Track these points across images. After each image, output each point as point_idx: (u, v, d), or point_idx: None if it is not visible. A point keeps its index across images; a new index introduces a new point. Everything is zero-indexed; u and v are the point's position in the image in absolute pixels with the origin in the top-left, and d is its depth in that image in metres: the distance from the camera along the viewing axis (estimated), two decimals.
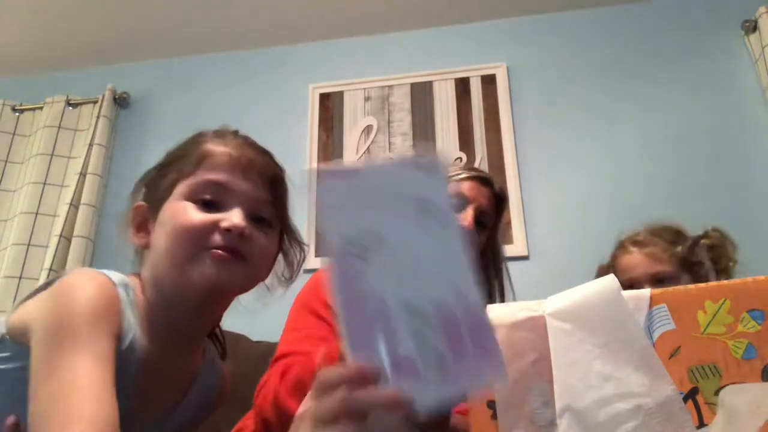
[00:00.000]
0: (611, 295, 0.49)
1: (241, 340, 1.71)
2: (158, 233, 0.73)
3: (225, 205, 0.72)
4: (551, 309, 0.51)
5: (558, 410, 0.47)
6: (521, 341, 0.51)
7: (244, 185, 0.74)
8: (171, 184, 0.74)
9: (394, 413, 0.41)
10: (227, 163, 0.75)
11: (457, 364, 0.42)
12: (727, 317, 0.47)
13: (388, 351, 0.42)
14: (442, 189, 0.48)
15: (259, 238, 0.74)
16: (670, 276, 1.15)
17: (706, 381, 0.47)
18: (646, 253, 1.18)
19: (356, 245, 0.45)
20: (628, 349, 0.47)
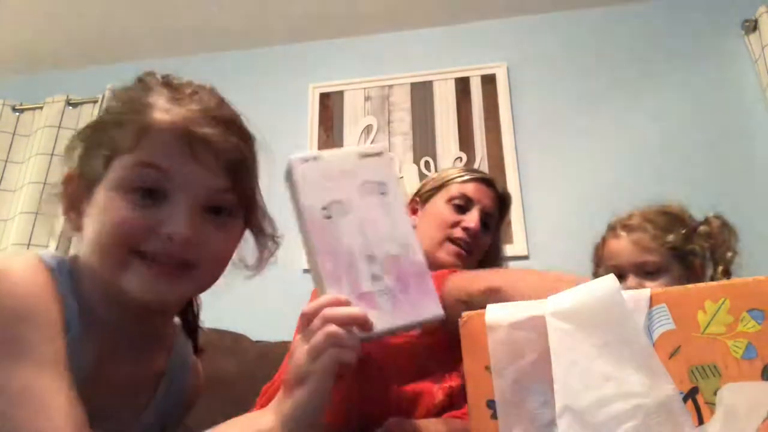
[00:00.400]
0: (611, 295, 0.49)
1: (240, 340, 1.71)
2: (88, 222, 0.60)
3: (169, 196, 0.58)
4: (551, 309, 0.51)
5: (558, 410, 0.47)
6: (521, 341, 0.51)
7: (195, 171, 0.59)
8: (105, 161, 0.59)
9: (359, 331, 0.53)
10: (174, 141, 0.58)
11: (404, 299, 0.57)
12: (727, 317, 0.47)
13: (352, 288, 0.56)
14: (391, 172, 0.63)
15: (211, 240, 0.61)
16: (657, 267, 1.06)
17: (706, 381, 0.47)
18: (633, 240, 1.09)
19: (328, 210, 0.60)
20: (628, 349, 0.47)
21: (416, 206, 1.18)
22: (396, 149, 2.14)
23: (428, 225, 1.10)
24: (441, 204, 1.11)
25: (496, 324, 0.52)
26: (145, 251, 0.58)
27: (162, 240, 0.58)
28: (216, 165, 0.60)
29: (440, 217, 1.09)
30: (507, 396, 0.50)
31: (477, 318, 0.53)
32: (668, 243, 1.07)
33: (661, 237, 1.08)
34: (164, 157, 0.58)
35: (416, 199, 1.19)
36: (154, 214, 0.58)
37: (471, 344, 0.53)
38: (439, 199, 1.13)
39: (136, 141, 0.58)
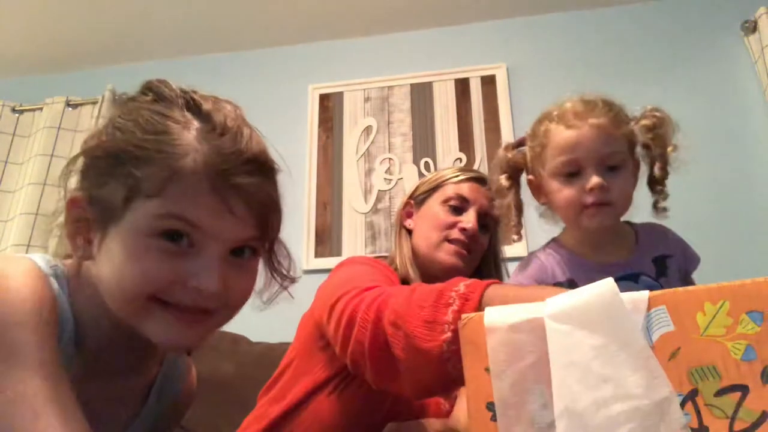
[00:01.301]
0: (609, 297, 0.49)
1: (240, 341, 1.71)
2: (105, 260, 0.56)
3: (197, 246, 0.56)
4: (550, 311, 0.51)
5: (556, 412, 0.47)
6: (520, 343, 0.51)
7: (227, 223, 0.56)
8: (125, 200, 0.55)
9: None
10: (206, 192, 0.54)
11: None
12: (726, 319, 0.47)
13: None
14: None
15: (236, 284, 0.60)
16: (622, 160, 0.90)
17: (705, 382, 0.47)
18: (596, 127, 0.90)
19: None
20: (626, 351, 0.47)
21: (411, 209, 1.16)
22: (396, 150, 2.14)
23: (425, 227, 1.09)
24: (436, 206, 1.10)
25: (495, 326, 0.52)
26: (170, 301, 0.55)
27: (190, 292, 0.55)
28: (248, 215, 0.57)
29: (436, 219, 1.07)
30: (506, 398, 0.50)
31: (476, 320, 0.53)
32: (626, 131, 0.91)
33: (623, 125, 0.91)
34: (195, 209, 0.54)
35: (411, 201, 1.17)
36: (182, 265, 0.55)
37: (470, 346, 0.53)
38: (435, 201, 1.11)
39: (163, 187, 0.54)
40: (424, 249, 1.08)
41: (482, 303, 0.62)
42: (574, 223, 0.95)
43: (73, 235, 0.61)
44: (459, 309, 0.62)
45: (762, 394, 0.45)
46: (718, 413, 0.46)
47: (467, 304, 0.62)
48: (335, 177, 2.14)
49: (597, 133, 0.90)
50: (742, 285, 0.48)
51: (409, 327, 0.65)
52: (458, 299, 0.63)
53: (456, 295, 0.64)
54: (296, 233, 2.06)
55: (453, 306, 0.63)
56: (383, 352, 0.69)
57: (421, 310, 0.65)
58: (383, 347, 0.69)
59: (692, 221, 1.43)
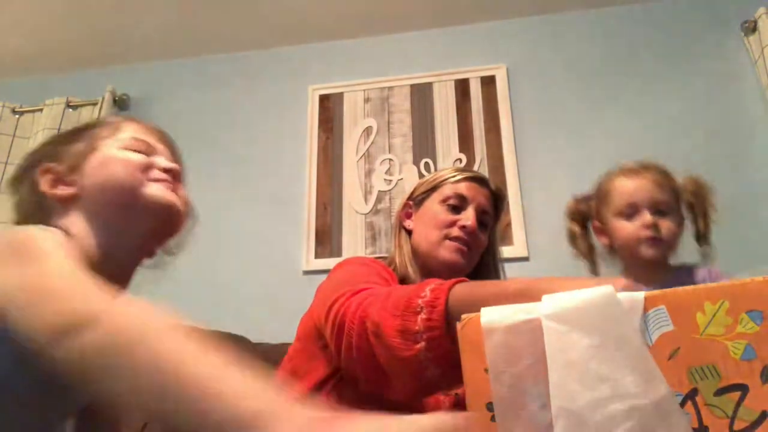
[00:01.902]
0: (606, 297, 0.49)
1: (240, 340, 1.71)
2: (91, 179, 0.76)
3: (153, 154, 0.82)
4: (546, 311, 0.51)
5: (554, 412, 0.47)
6: (518, 344, 0.51)
7: (163, 150, 0.86)
8: (91, 144, 0.79)
9: None
10: (147, 129, 0.87)
11: None
12: (725, 318, 0.47)
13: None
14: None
15: (183, 188, 0.86)
16: (670, 208, 1.15)
17: (705, 382, 0.47)
18: (650, 179, 1.17)
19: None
20: (623, 350, 0.47)
21: (410, 210, 1.17)
22: (396, 151, 2.14)
23: (425, 227, 1.10)
24: (436, 205, 1.11)
25: (492, 328, 0.52)
26: (150, 178, 0.79)
27: (159, 171, 0.81)
28: (173, 150, 0.92)
29: (436, 219, 1.09)
30: (505, 399, 0.50)
31: (475, 320, 0.53)
32: (676, 188, 1.18)
33: (673, 181, 1.18)
34: (147, 136, 0.85)
35: (409, 203, 1.18)
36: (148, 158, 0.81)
37: (469, 347, 0.53)
38: (434, 201, 1.12)
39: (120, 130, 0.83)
40: (424, 248, 1.08)
41: (449, 305, 0.63)
42: (634, 254, 1.15)
43: (52, 186, 0.77)
44: (427, 317, 0.63)
45: (762, 394, 0.45)
46: (717, 413, 0.46)
47: (435, 310, 0.63)
48: (335, 178, 2.14)
49: (651, 183, 1.16)
50: (742, 284, 0.48)
51: (387, 338, 0.66)
52: (425, 307, 0.64)
53: (423, 302, 0.64)
54: (296, 234, 2.06)
55: (421, 314, 0.64)
56: (370, 360, 0.71)
57: (395, 318, 0.66)
58: (370, 355, 0.70)
59: None
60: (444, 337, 0.62)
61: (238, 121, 2.31)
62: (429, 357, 0.62)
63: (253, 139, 2.26)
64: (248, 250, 2.08)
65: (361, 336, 0.72)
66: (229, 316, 1.90)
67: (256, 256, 2.06)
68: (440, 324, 0.63)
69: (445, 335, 0.62)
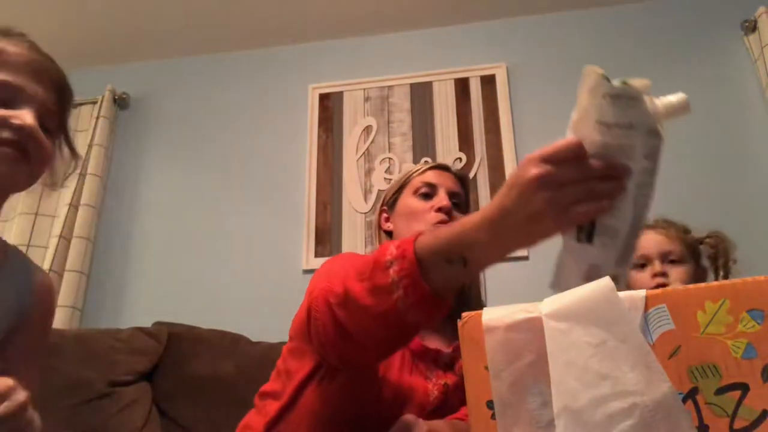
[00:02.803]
0: (607, 294, 0.49)
1: (240, 340, 1.71)
2: None
3: (14, 106, 0.73)
4: (547, 310, 0.51)
5: (555, 410, 0.47)
6: (518, 342, 0.51)
7: (36, 88, 0.76)
8: None
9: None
10: (21, 64, 0.75)
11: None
12: (726, 317, 0.47)
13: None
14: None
15: (45, 142, 0.76)
16: (680, 256, 1.24)
17: (705, 381, 0.47)
18: (659, 232, 1.27)
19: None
20: (624, 348, 0.47)
21: (386, 214, 1.21)
22: (395, 150, 2.14)
23: (404, 222, 1.13)
24: (409, 199, 1.15)
25: (493, 326, 0.52)
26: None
27: (12, 129, 0.71)
28: (50, 87, 0.78)
29: (412, 210, 1.12)
30: (505, 398, 0.50)
31: (476, 318, 0.53)
32: (687, 239, 1.27)
33: (681, 233, 1.28)
34: (13, 75, 0.74)
35: (384, 208, 1.22)
36: (5, 111, 0.72)
37: (470, 345, 0.53)
38: (406, 196, 1.16)
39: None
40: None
41: (417, 252, 0.65)
42: None
43: None
44: (399, 267, 0.65)
45: (762, 393, 0.45)
46: (718, 412, 0.46)
47: (405, 259, 0.65)
48: (335, 177, 2.14)
49: (661, 236, 1.26)
50: (743, 283, 0.48)
51: (358, 301, 0.68)
52: (395, 260, 0.66)
53: (391, 257, 0.66)
54: (296, 233, 2.06)
55: (393, 267, 0.65)
56: (340, 335, 0.73)
57: (362, 282, 0.69)
58: (337, 328, 0.73)
59: (692, 220, 1.42)
60: (420, 281, 0.64)
61: (237, 119, 2.31)
62: (408, 302, 0.64)
63: (253, 138, 2.26)
64: (248, 249, 2.08)
65: (325, 313, 0.74)
66: (229, 316, 1.90)
67: (256, 255, 2.06)
68: (414, 269, 0.64)
69: (420, 279, 0.64)
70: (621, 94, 0.52)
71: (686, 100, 0.55)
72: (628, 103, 0.53)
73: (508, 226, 0.58)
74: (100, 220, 2.19)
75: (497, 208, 0.59)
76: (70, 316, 1.96)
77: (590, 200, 0.54)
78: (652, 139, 0.57)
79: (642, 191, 0.56)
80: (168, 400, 1.59)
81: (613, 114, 0.53)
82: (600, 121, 0.54)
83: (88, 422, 1.43)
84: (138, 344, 1.63)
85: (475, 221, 0.61)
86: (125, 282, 2.11)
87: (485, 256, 0.63)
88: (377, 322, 0.68)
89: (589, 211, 0.55)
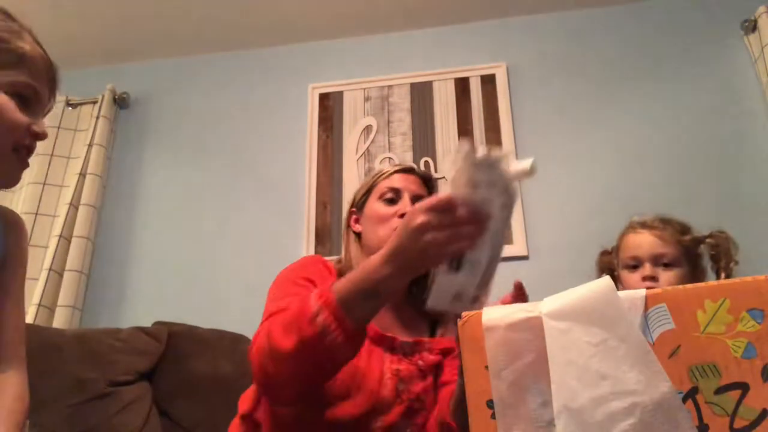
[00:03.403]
0: (606, 294, 0.50)
1: (240, 340, 1.71)
2: None
3: (30, 106, 0.77)
4: (548, 309, 0.51)
5: (555, 410, 0.47)
6: (519, 342, 0.51)
7: (46, 91, 0.80)
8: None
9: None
10: (43, 72, 0.79)
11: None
12: (726, 316, 0.47)
13: None
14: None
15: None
16: (673, 260, 1.22)
17: (705, 380, 0.47)
18: (654, 234, 1.25)
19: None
20: (624, 347, 0.47)
21: (356, 216, 1.26)
22: (395, 149, 2.14)
23: (371, 227, 1.19)
24: (375, 204, 1.20)
25: (493, 325, 0.52)
26: (21, 145, 0.75)
27: (31, 137, 0.76)
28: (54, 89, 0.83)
29: (378, 216, 1.18)
30: (505, 397, 0.50)
31: (476, 318, 0.53)
32: (683, 242, 1.24)
33: (677, 235, 1.25)
34: (38, 81, 0.78)
35: (353, 209, 1.27)
36: (30, 119, 0.76)
37: (470, 344, 0.53)
38: (372, 201, 1.22)
39: (19, 62, 0.76)
40: (376, 244, 1.15)
41: (337, 298, 0.78)
42: None
43: None
44: (325, 315, 0.77)
45: (762, 392, 0.45)
46: (718, 411, 0.46)
47: (329, 307, 0.77)
48: (335, 176, 2.14)
49: (654, 237, 1.24)
50: (743, 283, 0.48)
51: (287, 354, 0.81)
52: (320, 309, 0.78)
53: (317, 308, 0.78)
54: (296, 233, 2.06)
55: (319, 316, 0.78)
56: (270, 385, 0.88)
57: (290, 335, 0.81)
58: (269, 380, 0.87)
59: (693, 220, 1.42)
60: (347, 321, 0.77)
61: (237, 119, 2.31)
62: (339, 343, 0.77)
63: (253, 138, 2.26)
64: (248, 249, 2.08)
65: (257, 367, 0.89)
66: (229, 315, 1.90)
67: (256, 255, 2.06)
68: (340, 313, 0.77)
69: (347, 319, 0.77)
70: (484, 161, 0.69)
71: (533, 166, 0.71)
72: (489, 168, 0.69)
73: (405, 260, 0.75)
74: (100, 220, 2.19)
75: (396, 248, 0.75)
76: (70, 316, 1.96)
77: (459, 240, 0.71)
78: (507, 195, 0.72)
79: (498, 234, 0.73)
80: (168, 400, 1.59)
81: (479, 176, 0.70)
82: (470, 180, 0.70)
83: (88, 422, 1.43)
84: (138, 344, 1.63)
85: (379, 260, 0.77)
86: (125, 282, 2.11)
87: (393, 285, 0.78)
88: (305, 368, 0.81)
89: (457, 248, 0.72)
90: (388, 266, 0.75)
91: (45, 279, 1.97)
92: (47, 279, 1.97)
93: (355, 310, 0.78)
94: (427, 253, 0.72)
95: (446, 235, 0.70)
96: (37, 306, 1.93)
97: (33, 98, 0.77)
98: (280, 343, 0.81)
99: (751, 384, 0.45)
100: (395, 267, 0.75)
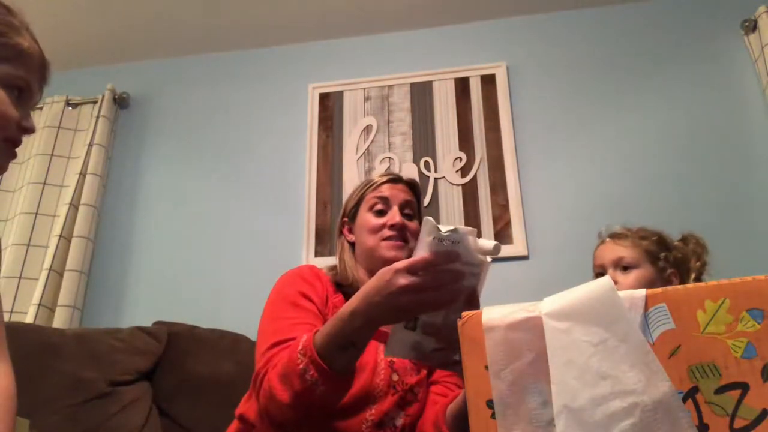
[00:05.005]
0: (606, 294, 0.49)
1: (240, 340, 1.71)
2: None
3: (23, 103, 0.79)
4: (547, 309, 0.51)
5: (555, 410, 0.47)
6: (519, 342, 0.51)
7: (37, 86, 0.82)
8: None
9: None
10: (37, 68, 0.81)
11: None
12: (726, 316, 0.47)
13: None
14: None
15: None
16: (631, 262, 1.29)
17: (705, 380, 0.47)
18: (614, 241, 1.33)
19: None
20: (624, 347, 0.47)
21: (348, 225, 1.30)
22: (396, 149, 2.14)
23: (363, 237, 1.22)
24: (365, 215, 1.24)
25: (493, 325, 0.52)
26: (8, 137, 0.76)
27: (20, 130, 0.77)
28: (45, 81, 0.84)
29: (368, 227, 1.22)
30: (505, 397, 0.50)
31: (476, 318, 0.53)
32: (642, 245, 1.30)
33: (637, 241, 1.32)
34: (31, 75, 0.78)
35: (345, 219, 1.31)
36: (18, 112, 0.77)
37: (470, 344, 0.53)
38: (363, 212, 1.25)
39: (18, 57, 0.76)
40: (368, 254, 1.20)
41: (319, 353, 0.82)
42: None
43: None
44: (312, 371, 0.82)
45: (762, 392, 0.45)
46: (718, 411, 0.45)
47: (314, 363, 0.82)
48: (335, 176, 2.14)
49: (614, 245, 1.32)
50: (743, 282, 0.48)
51: (286, 403, 0.85)
52: (307, 366, 0.82)
53: (303, 365, 0.83)
54: (296, 233, 2.06)
55: (308, 372, 0.82)
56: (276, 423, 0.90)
57: (286, 387, 0.85)
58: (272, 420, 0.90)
59: (693, 220, 1.42)
60: (332, 374, 0.82)
61: (237, 119, 2.31)
62: (329, 393, 0.83)
63: (253, 138, 2.26)
64: (248, 249, 2.08)
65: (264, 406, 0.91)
66: (229, 315, 1.90)
67: (256, 255, 2.06)
68: (323, 367, 0.82)
69: (331, 372, 0.82)
70: (446, 237, 0.73)
71: (497, 247, 0.75)
72: (452, 243, 0.73)
73: (378, 315, 0.78)
74: (100, 220, 2.19)
75: (369, 303, 0.78)
76: (70, 316, 1.96)
77: (427, 305, 0.77)
78: (473, 266, 0.76)
79: (457, 307, 0.75)
80: (168, 400, 1.59)
81: (442, 250, 0.73)
82: (435, 254, 0.74)
83: (88, 422, 1.43)
84: (138, 344, 1.63)
85: (349, 315, 0.81)
86: (125, 282, 2.11)
87: (366, 335, 0.82)
88: (303, 413, 0.86)
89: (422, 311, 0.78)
90: (359, 318, 0.79)
91: (45, 279, 1.97)
92: (47, 279, 1.97)
93: (337, 362, 0.82)
94: (400, 313, 0.77)
95: (421, 299, 0.75)
96: (37, 306, 1.93)
97: (26, 92, 0.78)
98: (279, 395, 0.86)
99: (751, 384, 0.45)
100: (366, 320, 0.79)
